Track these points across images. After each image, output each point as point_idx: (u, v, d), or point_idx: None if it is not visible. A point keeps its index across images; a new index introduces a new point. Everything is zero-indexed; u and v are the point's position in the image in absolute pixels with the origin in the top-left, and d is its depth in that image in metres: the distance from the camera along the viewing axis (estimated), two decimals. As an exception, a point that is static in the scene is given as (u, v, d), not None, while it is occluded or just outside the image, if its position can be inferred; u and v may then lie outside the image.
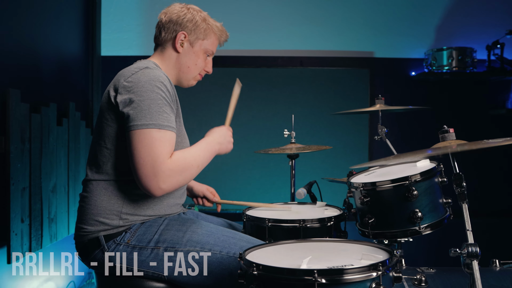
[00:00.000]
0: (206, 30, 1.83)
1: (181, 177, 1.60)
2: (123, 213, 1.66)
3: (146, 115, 1.56)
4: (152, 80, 1.61)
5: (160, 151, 1.55)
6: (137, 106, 1.57)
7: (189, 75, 1.86)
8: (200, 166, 1.69)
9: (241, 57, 3.78)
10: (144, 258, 1.63)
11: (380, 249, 1.42)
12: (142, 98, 1.57)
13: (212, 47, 1.87)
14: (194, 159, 1.66)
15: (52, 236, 2.70)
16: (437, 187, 1.72)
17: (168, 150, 1.58)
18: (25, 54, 2.63)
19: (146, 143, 1.54)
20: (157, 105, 1.58)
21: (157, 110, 1.57)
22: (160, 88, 1.60)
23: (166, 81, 1.65)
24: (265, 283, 1.23)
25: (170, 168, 1.56)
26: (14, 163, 2.28)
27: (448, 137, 1.51)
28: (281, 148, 2.41)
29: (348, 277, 1.17)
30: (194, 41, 1.82)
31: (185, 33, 1.80)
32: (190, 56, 1.83)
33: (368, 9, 3.83)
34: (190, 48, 1.82)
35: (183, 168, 1.61)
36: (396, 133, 3.52)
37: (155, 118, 1.56)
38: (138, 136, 1.55)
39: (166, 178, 1.55)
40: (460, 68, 3.58)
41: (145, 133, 1.55)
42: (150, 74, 1.62)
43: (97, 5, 3.58)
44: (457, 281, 1.69)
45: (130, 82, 1.61)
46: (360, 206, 1.78)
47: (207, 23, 1.83)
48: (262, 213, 2.00)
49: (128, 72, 1.66)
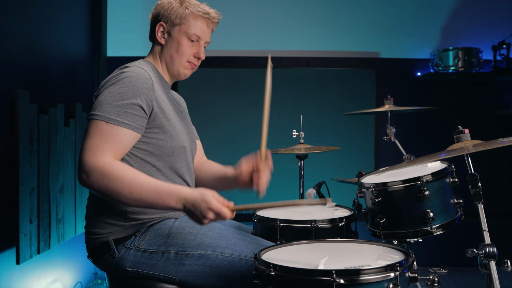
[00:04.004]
0: (182, 14, 1.75)
1: (101, 181, 1.46)
2: (129, 213, 1.65)
3: (97, 106, 1.56)
4: (124, 76, 1.60)
5: (96, 143, 1.50)
6: (98, 100, 1.58)
7: (175, 65, 1.79)
8: (134, 193, 1.47)
9: (247, 57, 3.77)
10: (155, 262, 1.61)
11: (395, 250, 1.42)
12: (102, 92, 1.59)
13: (195, 31, 1.76)
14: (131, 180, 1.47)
15: (60, 237, 2.70)
16: (449, 187, 1.72)
17: (107, 146, 1.50)
18: (32, 55, 2.63)
19: (89, 133, 1.53)
20: (114, 99, 1.55)
21: (111, 104, 1.55)
22: (127, 84, 1.58)
23: (141, 77, 1.61)
24: (283, 283, 1.22)
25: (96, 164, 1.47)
26: (23, 163, 2.28)
27: (463, 138, 1.51)
28: (290, 149, 2.41)
29: (366, 278, 1.17)
30: (172, 28, 1.77)
31: (162, 23, 1.77)
32: (171, 44, 1.78)
33: (374, 9, 3.83)
34: (170, 37, 1.78)
35: (106, 173, 1.46)
36: (402, 133, 3.52)
37: (104, 111, 1.54)
38: (88, 125, 1.55)
39: (89, 171, 1.46)
40: (466, 69, 3.58)
41: (92, 123, 1.54)
42: (124, 71, 1.63)
43: (103, 6, 3.58)
44: (469, 282, 1.69)
45: (104, 81, 1.65)
46: (371, 206, 1.78)
47: (184, 7, 1.76)
48: (273, 214, 2.00)
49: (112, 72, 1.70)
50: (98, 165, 1.47)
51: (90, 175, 1.47)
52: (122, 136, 1.54)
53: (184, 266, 1.60)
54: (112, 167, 1.47)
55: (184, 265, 1.60)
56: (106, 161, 1.48)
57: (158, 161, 1.68)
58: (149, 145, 1.66)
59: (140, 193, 1.47)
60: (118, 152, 1.54)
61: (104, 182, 1.47)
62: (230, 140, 3.71)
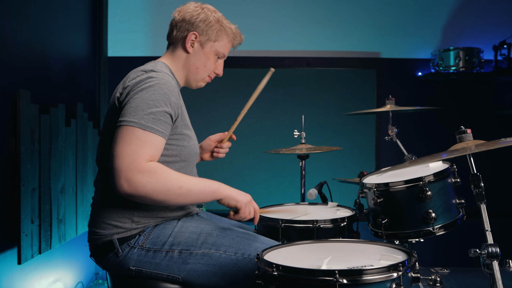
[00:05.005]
0: (218, 31, 1.78)
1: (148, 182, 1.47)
2: (135, 216, 1.65)
3: (131, 113, 1.53)
4: (153, 82, 1.59)
5: (134, 149, 1.49)
6: (130, 106, 1.55)
7: (197, 77, 1.83)
8: (183, 187, 1.52)
9: (248, 57, 3.78)
10: (159, 261, 1.62)
11: (398, 250, 1.42)
12: (136, 98, 1.56)
13: (224, 50, 1.83)
14: (178, 176, 1.53)
15: (61, 237, 2.70)
16: (451, 187, 1.72)
17: (146, 152, 1.50)
18: (34, 56, 2.63)
19: (124, 139, 1.50)
20: (148, 106, 1.54)
21: (146, 111, 1.53)
22: (158, 91, 1.57)
23: (169, 84, 1.62)
24: (286, 283, 1.22)
25: (138, 168, 1.47)
26: (24, 163, 2.28)
27: (466, 138, 1.51)
28: (292, 149, 2.41)
29: (369, 278, 1.17)
30: (205, 42, 1.78)
31: (196, 33, 1.77)
32: (200, 57, 1.79)
33: (375, 9, 3.83)
34: (200, 49, 1.79)
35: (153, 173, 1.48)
36: (403, 133, 3.52)
37: (139, 117, 1.52)
38: (121, 131, 1.52)
39: (132, 176, 1.46)
40: (467, 69, 3.58)
41: (128, 129, 1.51)
42: (153, 76, 1.61)
43: (103, 6, 3.58)
44: (471, 282, 1.69)
45: (133, 83, 1.61)
46: (373, 206, 1.78)
47: (220, 24, 1.79)
48: (275, 214, 2.00)
49: (134, 73, 1.66)
50: (142, 168, 1.47)
51: (133, 180, 1.46)
52: (157, 144, 1.54)
53: (187, 265, 1.61)
54: (157, 167, 1.49)
55: (187, 264, 1.61)
56: (150, 164, 1.49)
57: (174, 167, 1.69)
58: (168, 151, 1.67)
59: (188, 185, 1.53)
60: (155, 159, 1.54)
61: (152, 183, 1.47)
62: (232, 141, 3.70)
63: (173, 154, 1.69)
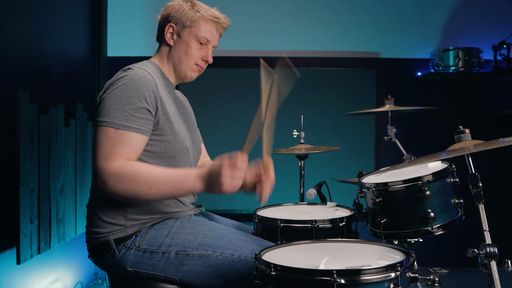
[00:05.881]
0: (193, 17, 1.77)
1: (118, 184, 1.48)
2: (129, 212, 1.65)
3: (105, 113, 1.55)
4: (127, 79, 1.59)
5: (108, 151, 1.51)
6: (103, 105, 1.57)
7: (182, 67, 1.80)
8: (152, 187, 1.50)
9: (248, 57, 3.77)
10: (156, 262, 1.62)
11: (396, 250, 1.42)
12: (108, 97, 1.57)
13: (204, 34, 1.78)
14: (147, 176, 1.50)
15: (60, 237, 2.70)
16: (449, 187, 1.72)
17: (120, 152, 1.51)
18: (33, 55, 2.63)
19: (99, 141, 1.53)
20: (120, 104, 1.55)
21: (118, 109, 1.54)
22: (131, 88, 1.57)
23: (144, 80, 1.60)
24: (284, 283, 1.22)
25: (110, 170, 1.49)
26: (24, 163, 2.28)
27: (464, 138, 1.51)
28: (291, 149, 2.41)
29: (367, 278, 1.17)
30: (182, 30, 1.78)
31: (172, 24, 1.78)
32: (180, 46, 1.78)
33: (374, 9, 3.83)
34: (180, 39, 1.78)
35: (121, 176, 1.48)
36: (402, 133, 3.52)
37: (111, 117, 1.53)
38: (96, 132, 1.55)
39: (105, 178, 1.49)
40: (467, 69, 3.58)
41: (101, 130, 1.54)
42: (128, 74, 1.61)
43: (103, 6, 3.59)
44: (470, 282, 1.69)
45: (107, 84, 1.63)
46: (372, 206, 1.78)
47: (195, 10, 1.77)
48: (274, 214, 2.00)
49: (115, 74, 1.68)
50: (112, 171, 1.49)
51: (106, 182, 1.49)
52: (132, 141, 1.55)
53: (184, 266, 1.61)
54: (125, 169, 1.50)
55: (184, 265, 1.61)
56: (119, 165, 1.50)
57: (161, 163, 1.68)
58: (152, 147, 1.66)
59: (158, 185, 1.50)
60: (132, 157, 1.55)
61: (121, 185, 1.49)
62: (230, 140, 3.70)
63: (156, 151, 1.67)
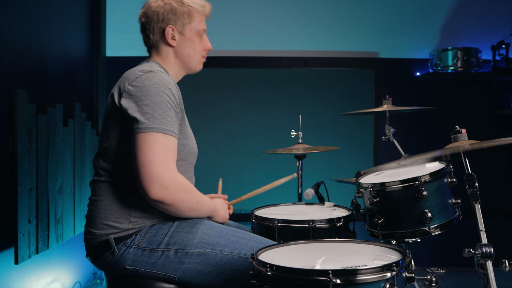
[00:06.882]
0: (188, 13, 1.78)
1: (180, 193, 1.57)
2: (133, 216, 1.65)
3: (150, 119, 1.55)
4: (157, 84, 1.60)
5: (164, 155, 1.54)
6: (141, 110, 1.56)
7: (192, 62, 1.84)
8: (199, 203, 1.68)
9: (246, 57, 3.78)
10: (155, 260, 1.62)
11: (392, 250, 1.42)
12: (146, 102, 1.57)
13: (201, 25, 1.83)
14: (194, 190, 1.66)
15: (59, 236, 2.70)
16: (447, 187, 1.72)
17: (170, 156, 1.56)
18: (31, 55, 2.63)
19: (152, 146, 1.53)
20: (161, 109, 1.57)
21: (161, 114, 1.57)
22: (164, 92, 1.59)
23: (171, 85, 1.64)
24: (279, 283, 1.23)
25: (173, 177, 1.55)
26: (22, 163, 2.28)
27: (460, 138, 1.51)
28: (289, 149, 2.41)
29: (362, 278, 1.17)
30: (183, 29, 1.79)
31: (172, 26, 1.78)
32: (186, 45, 1.80)
33: (373, 9, 3.84)
34: (183, 37, 1.80)
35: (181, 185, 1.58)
36: (401, 133, 3.52)
37: (158, 122, 1.55)
38: (143, 138, 1.54)
39: (168, 185, 1.53)
40: (465, 69, 3.58)
41: (150, 136, 1.54)
42: (154, 78, 1.61)
43: (102, 5, 3.58)
44: (467, 282, 1.69)
45: (134, 86, 1.61)
46: (369, 206, 1.78)
47: (186, 5, 1.79)
48: (271, 214, 2.00)
49: (132, 75, 1.65)
50: (177, 179, 1.56)
51: (169, 189, 1.54)
52: (175, 147, 1.60)
53: (183, 264, 1.61)
54: (182, 177, 1.59)
55: (183, 264, 1.61)
56: (177, 173, 1.57)
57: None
58: None
59: (202, 202, 1.68)
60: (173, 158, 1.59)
61: (183, 194, 1.58)
62: (230, 140, 3.71)
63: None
